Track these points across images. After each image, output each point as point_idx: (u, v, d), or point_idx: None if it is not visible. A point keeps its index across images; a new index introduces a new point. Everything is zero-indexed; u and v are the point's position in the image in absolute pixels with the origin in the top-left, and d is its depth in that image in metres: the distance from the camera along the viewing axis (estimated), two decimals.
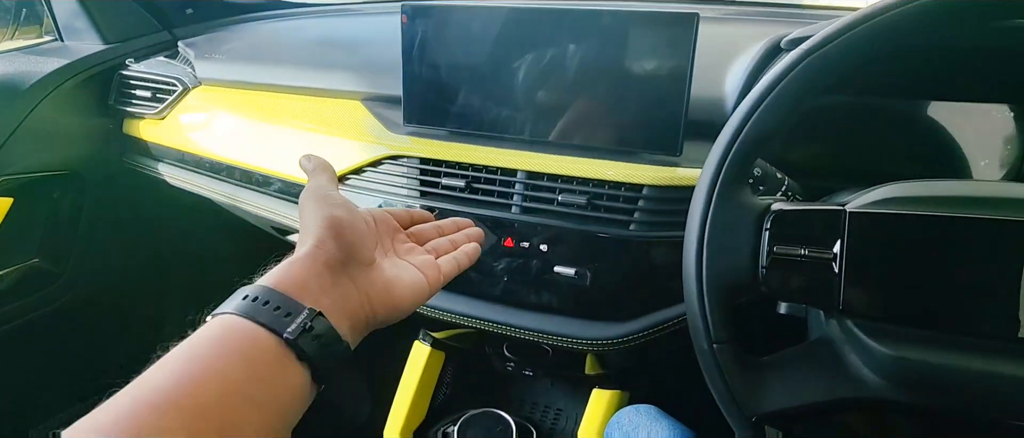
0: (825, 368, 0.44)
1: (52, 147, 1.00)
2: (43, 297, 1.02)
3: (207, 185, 0.97)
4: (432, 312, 0.77)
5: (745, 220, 0.45)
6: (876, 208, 0.42)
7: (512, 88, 0.72)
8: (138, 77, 1.02)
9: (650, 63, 0.66)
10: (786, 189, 0.59)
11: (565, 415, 0.89)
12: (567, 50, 0.69)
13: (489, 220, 0.72)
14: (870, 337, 0.42)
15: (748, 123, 0.44)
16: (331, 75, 0.90)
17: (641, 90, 0.67)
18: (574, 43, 0.68)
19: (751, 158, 0.46)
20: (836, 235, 0.43)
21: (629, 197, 0.68)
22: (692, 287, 0.46)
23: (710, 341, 0.45)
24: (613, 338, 0.71)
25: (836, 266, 0.43)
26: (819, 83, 0.43)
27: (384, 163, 0.78)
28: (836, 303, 0.43)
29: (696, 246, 0.46)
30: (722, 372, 0.44)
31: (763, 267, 0.44)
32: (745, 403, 0.44)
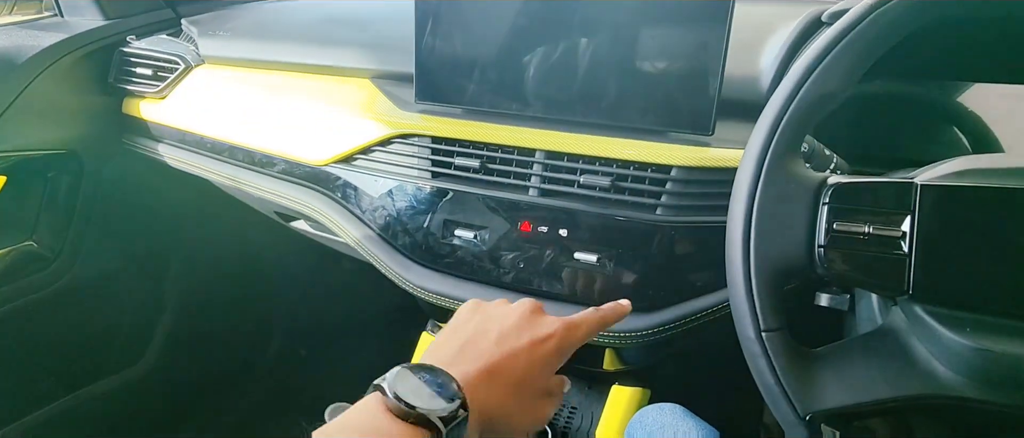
0: (889, 361, 0.39)
1: (49, 125, 0.96)
2: (37, 280, 0.98)
3: (208, 166, 0.93)
4: (441, 301, 0.72)
5: (800, 194, 0.40)
6: (951, 181, 0.38)
7: (532, 63, 0.67)
8: (139, 54, 0.98)
9: (682, 36, 0.62)
10: (835, 167, 0.54)
11: (580, 413, 0.84)
12: (591, 23, 0.64)
13: (505, 203, 0.68)
14: (944, 326, 0.37)
15: (807, 83, 0.39)
16: (339, 52, 0.86)
17: (671, 65, 0.62)
18: (599, 16, 0.64)
19: (807, 125, 0.41)
20: (905, 211, 0.38)
21: (656, 179, 0.63)
22: (738, 268, 0.41)
23: (759, 329, 0.40)
24: (636, 331, 0.67)
25: (905, 245, 0.38)
26: (886, 41, 0.39)
27: (394, 142, 0.74)
28: (904, 287, 0.38)
29: (743, 222, 0.41)
30: (772, 364, 0.39)
31: (820, 246, 0.39)
32: (799, 399, 0.39)
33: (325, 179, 0.81)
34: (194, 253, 1.19)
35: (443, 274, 0.73)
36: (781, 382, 0.39)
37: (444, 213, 0.71)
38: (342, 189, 0.79)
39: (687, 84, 0.62)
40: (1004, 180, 0.37)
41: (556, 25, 0.65)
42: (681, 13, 0.61)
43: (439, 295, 0.72)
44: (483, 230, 0.69)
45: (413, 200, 0.73)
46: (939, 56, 0.61)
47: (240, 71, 0.93)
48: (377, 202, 0.75)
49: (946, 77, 0.70)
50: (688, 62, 0.61)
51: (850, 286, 0.45)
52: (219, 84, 0.93)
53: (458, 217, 0.70)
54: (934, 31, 0.41)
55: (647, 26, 0.63)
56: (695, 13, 0.60)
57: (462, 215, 0.70)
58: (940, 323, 0.37)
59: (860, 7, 0.41)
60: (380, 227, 0.76)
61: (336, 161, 0.78)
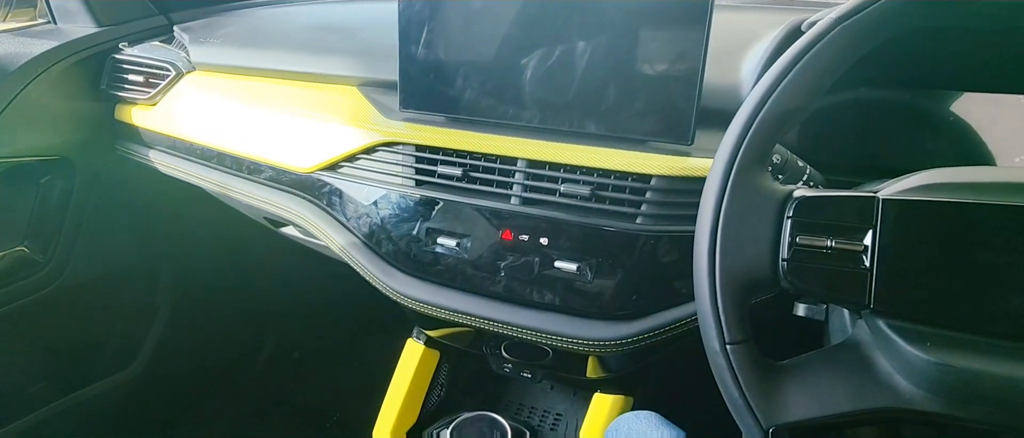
0: (852, 374, 0.39)
1: (41, 131, 0.97)
2: (29, 285, 0.99)
3: (198, 173, 0.94)
4: (426, 308, 0.73)
5: (764, 207, 0.40)
6: (913, 195, 0.38)
7: (514, 72, 0.67)
8: (131, 61, 0.99)
9: (661, 45, 0.62)
10: (808, 179, 0.55)
11: (564, 420, 0.84)
12: (573, 31, 0.64)
13: (487, 211, 0.68)
14: (905, 340, 0.37)
15: (771, 97, 0.39)
16: (326, 60, 0.87)
17: (651, 74, 0.63)
18: (581, 24, 0.64)
19: (773, 138, 0.41)
20: (867, 225, 0.38)
21: (636, 188, 0.63)
22: (703, 281, 0.41)
23: (723, 342, 0.40)
24: (617, 339, 0.67)
25: (866, 259, 0.38)
26: (851, 55, 0.39)
27: (378, 150, 0.74)
28: (866, 301, 0.38)
29: (709, 235, 0.41)
30: (736, 377, 0.40)
31: (784, 260, 0.40)
32: (762, 412, 0.39)
33: (311, 186, 0.81)
34: (186, 258, 1.20)
35: (427, 282, 0.74)
36: (745, 395, 0.40)
37: (427, 221, 0.71)
38: (328, 196, 0.79)
39: (667, 93, 0.62)
40: (965, 195, 0.37)
41: (538, 36, 0.66)
42: (660, 22, 0.61)
43: (422, 303, 0.73)
44: (465, 238, 0.70)
45: (397, 208, 0.73)
46: (916, 64, 0.61)
47: (230, 78, 0.93)
48: (362, 209, 0.76)
49: (924, 85, 0.70)
50: (668, 72, 0.61)
51: (814, 299, 0.45)
52: (209, 91, 0.93)
53: (441, 225, 0.71)
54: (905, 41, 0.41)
55: (628, 36, 0.63)
56: (674, 22, 0.61)
57: (445, 223, 0.71)
58: (901, 337, 0.37)
59: (826, 20, 0.41)
60: (365, 234, 0.76)
61: (322, 168, 0.79)
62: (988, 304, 0.36)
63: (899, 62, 0.62)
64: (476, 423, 0.77)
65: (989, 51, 0.53)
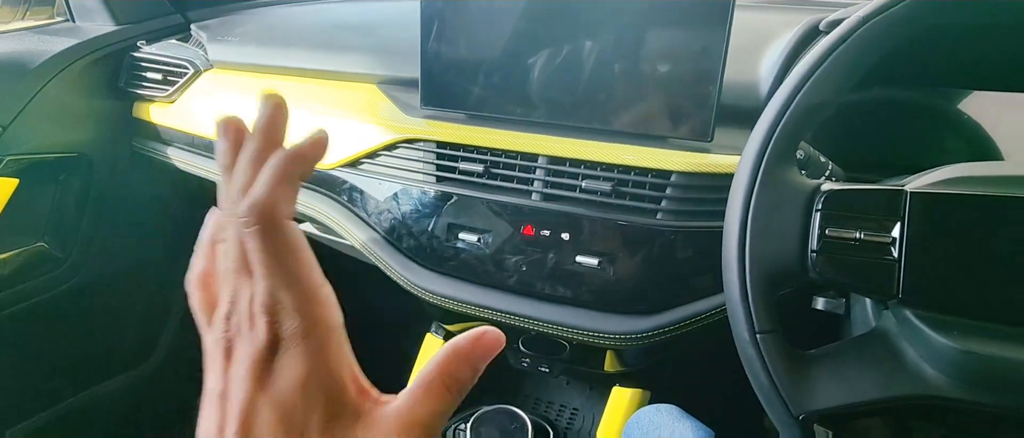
0: (880, 363, 0.40)
1: (60, 128, 0.98)
2: (48, 281, 1.00)
3: (216, 170, 0.95)
4: (445, 303, 0.74)
5: (793, 200, 0.41)
6: (941, 188, 0.39)
7: (535, 69, 0.68)
8: (149, 59, 1.00)
9: (682, 43, 0.63)
10: (829, 174, 0.56)
11: (582, 414, 0.85)
12: (594, 29, 0.65)
13: (508, 207, 0.69)
14: (932, 329, 0.38)
15: (800, 93, 0.40)
16: (345, 57, 0.88)
17: (671, 72, 0.64)
18: (601, 22, 0.65)
19: (801, 132, 0.42)
20: (895, 218, 0.39)
21: (656, 184, 0.64)
22: (734, 272, 0.42)
23: (753, 331, 0.41)
24: (636, 333, 0.68)
25: (895, 251, 0.39)
26: (877, 51, 0.40)
27: (399, 147, 0.75)
28: (894, 291, 0.39)
29: (739, 227, 0.42)
30: (767, 366, 0.41)
31: (813, 251, 0.41)
32: (793, 400, 0.40)
33: (331, 183, 0.82)
34: None
35: (447, 277, 0.75)
36: (775, 383, 0.41)
37: (448, 217, 0.72)
38: (348, 193, 0.80)
39: (687, 91, 0.63)
40: (992, 188, 0.38)
41: (558, 33, 0.67)
42: (681, 20, 0.62)
43: (444, 298, 0.74)
44: (486, 234, 0.71)
45: (418, 204, 0.74)
46: (935, 63, 0.62)
47: (248, 76, 0.94)
48: (382, 205, 0.77)
49: (943, 84, 0.71)
50: (688, 69, 0.62)
51: (842, 290, 0.46)
52: (227, 89, 0.94)
53: (462, 221, 0.72)
54: (927, 38, 0.42)
55: (648, 33, 0.64)
56: (695, 20, 0.62)
57: (466, 219, 0.72)
58: (928, 326, 0.38)
59: (853, 19, 0.42)
60: (385, 230, 0.77)
61: (342, 165, 0.80)
62: (1014, 293, 0.37)
63: (915, 60, 0.63)
64: (495, 417, 0.78)
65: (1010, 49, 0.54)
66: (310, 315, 0.23)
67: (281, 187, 0.24)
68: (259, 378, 0.23)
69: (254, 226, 0.23)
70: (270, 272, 0.23)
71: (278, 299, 0.23)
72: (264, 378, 0.23)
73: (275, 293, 0.23)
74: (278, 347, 0.23)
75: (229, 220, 0.25)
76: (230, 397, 0.23)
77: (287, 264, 0.23)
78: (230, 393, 0.23)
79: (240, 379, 0.23)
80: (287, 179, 0.24)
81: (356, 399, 0.24)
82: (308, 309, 0.23)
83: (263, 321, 0.23)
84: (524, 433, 0.76)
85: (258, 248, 0.23)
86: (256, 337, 0.23)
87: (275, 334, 0.23)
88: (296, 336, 0.23)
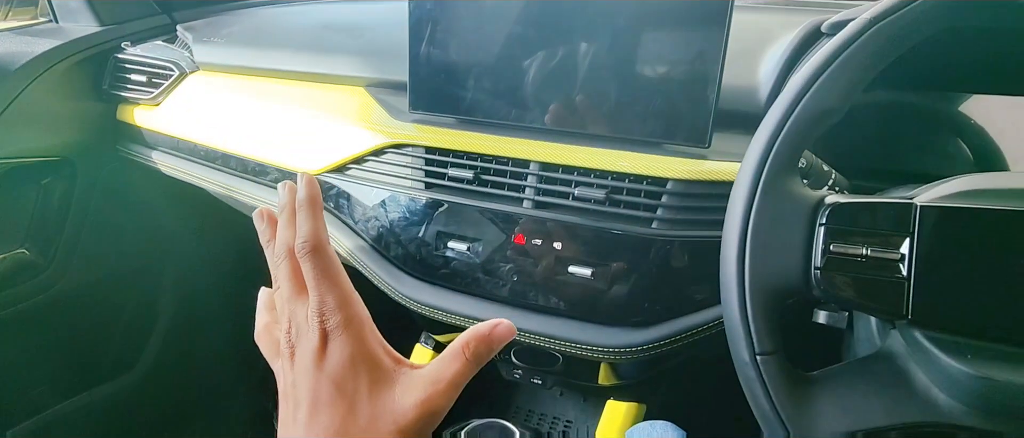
0: (887, 387, 0.38)
1: (42, 132, 0.96)
2: (29, 288, 0.98)
3: (202, 174, 0.93)
4: (435, 313, 0.71)
5: (796, 213, 0.39)
6: (952, 202, 0.36)
7: (527, 73, 0.66)
8: (134, 61, 0.98)
9: (678, 45, 0.60)
10: (833, 184, 0.53)
11: (575, 427, 0.83)
12: (587, 32, 0.63)
13: (499, 215, 0.67)
14: (944, 352, 0.36)
15: (803, 99, 0.38)
16: (333, 60, 0.85)
17: (667, 75, 0.61)
18: (595, 24, 0.62)
19: (804, 142, 0.40)
20: (904, 233, 0.37)
21: (652, 192, 0.62)
22: (732, 290, 0.40)
23: (753, 353, 0.39)
24: (631, 346, 0.65)
25: (903, 268, 0.36)
26: (887, 55, 0.37)
27: (387, 152, 0.73)
28: (903, 311, 0.36)
29: (738, 242, 0.40)
30: (767, 388, 0.38)
31: (817, 268, 0.38)
32: (793, 425, 0.38)
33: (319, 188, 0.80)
34: (188, 260, 1.19)
35: (436, 286, 0.72)
36: (776, 407, 0.38)
37: (437, 224, 0.70)
38: (335, 199, 0.78)
39: (684, 95, 0.61)
40: (1007, 202, 0.36)
41: (551, 36, 0.64)
42: (678, 23, 0.60)
43: (432, 308, 0.71)
44: (476, 242, 0.68)
45: (406, 211, 0.72)
46: (941, 67, 0.60)
47: (234, 78, 0.92)
48: (370, 212, 0.74)
49: (948, 88, 0.69)
50: (685, 73, 0.60)
51: (847, 309, 0.44)
52: (213, 91, 0.92)
53: (451, 229, 0.69)
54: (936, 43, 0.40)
55: (643, 36, 0.61)
56: (692, 23, 0.59)
57: (455, 227, 0.69)
58: (940, 349, 0.36)
59: (861, 20, 0.40)
60: (373, 238, 0.75)
61: (329, 171, 0.77)
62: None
63: (924, 64, 0.61)
64: (487, 430, 0.76)
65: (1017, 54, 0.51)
66: (348, 312, 0.32)
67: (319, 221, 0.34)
68: (317, 364, 0.31)
69: (309, 252, 0.33)
70: (319, 284, 0.32)
71: (325, 303, 0.32)
72: (321, 363, 0.31)
73: (324, 299, 0.32)
74: (328, 339, 0.32)
75: (281, 263, 0.35)
76: (298, 384, 0.32)
77: (331, 276, 0.33)
78: (298, 382, 0.32)
79: (304, 369, 0.31)
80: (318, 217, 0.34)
81: (392, 367, 0.33)
82: (346, 308, 0.32)
83: (316, 322, 0.32)
84: None
85: (311, 267, 0.33)
86: (311, 335, 0.32)
87: (324, 330, 0.32)
88: (339, 327, 0.32)
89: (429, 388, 0.31)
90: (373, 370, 0.32)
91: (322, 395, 0.31)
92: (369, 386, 0.31)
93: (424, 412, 0.31)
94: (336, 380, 0.31)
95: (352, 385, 0.31)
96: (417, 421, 0.31)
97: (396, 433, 0.30)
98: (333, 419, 0.30)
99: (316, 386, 0.31)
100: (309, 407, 0.31)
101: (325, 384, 0.31)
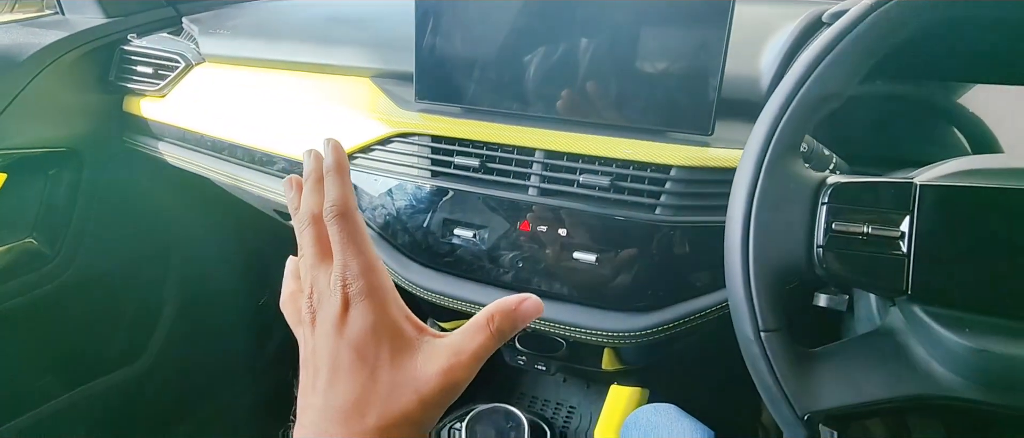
0: (887, 362, 0.39)
1: (49, 123, 0.96)
2: (37, 277, 0.98)
3: (208, 165, 0.93)
4: (441, 299, 0.72)
5: (798, 194, 0.40)
6: (951, 181, 0.37)
7: (531, 62, 0.67)
8: (140, 52, 0.98)
9: (682, 36, 0.61)
10: (834, 167, 0.54)
11: (578, 413, 0.84)
12: (593, 21, 0.64)
13: (505, 202, 0.68)
14: (942, 326, 0.37)
15: (806, 83, 0.39)
16: (339, 51, 0.86)
17: (671, 65, 0.62)
18: (601, 13, 0.63)
19: (807, 125, 0.41)
20: (904, 211, 0.38)
21: (655, 179, 0.63)
22: (736, 268, 0.41)
23: (757, 330, 0.40)
24: (634, 331, 0.66)
25: (904, 245, 0.38)
26: (888, 41, 0.38)
27: (394, 141, 0.74)
28: (903, 287, 0.37)
29: (742, 222, 0.41)
30: (771, 364, 0.39)
31: (819, 246, 0.39)
32: (797, 399, 0.39)
33: None
34: (194, 250, 1.19)
35: (442, 273, 0.73)
36: (780, 382, 0.39)
37: (444, 212, 0.71)
38: None
39: (687, 84, 0.62)
40: (1004, 180, 0.37)
41: (556, 25, 0.65)
42: (681, 13, 0.61)
43: (438, 294, 0.72)
44: (482, 229, 0.69)
45: (413, 199, 0.73)
46: (940, 57, 0.61)
47: (241, 70, 0.93)
48: (377, 201, 0.75)
49: (947, 78, 0.70)
50: (688, 62, 0.61)
51: (849, 286, 0.45)
52: (220, 83, 0.93)
53: (458, 216, 0.70)
54: (935, 31, 0.41)
55: (647, 26, 0.62)
56: (695, 13, 0.60)
57: (461, 214, 0.70)
58: (939, 324, 0.37)
59: (861, 6, 0.41)
60: (379, 226, 0.76)
61: None
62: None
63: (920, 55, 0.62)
64: (491, 416, 0.77)
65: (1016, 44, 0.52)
66: (371, 279, 0.32)
67: (347, 187, 0.34)
68: (338, 330, 0.31)
69: (335, 216, 0.32)
70: (345, 249, 0.32)
71: (349, 268, 0.32)
72: (342, 329, 0.31)
73: (348, 264, 0.32)
74: (350, 305, 0.31)
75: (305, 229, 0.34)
76: (319, 351, 0.31)
77: (357, 242, 0.32)
78: (319, 348, 0.31)
79: (325, 334, 0.31)
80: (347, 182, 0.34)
81: (414, 335, 0.32)
82: (370, 275, 0.32)
83: (339, 287, 0.31)
84: (520, 432, 0.75)
85: (338, 231, 0.32)
86: (334, 300, 0.31)
87: (346, 295, 0.31)
88: (362, 293, 0.31)
89: (452, 358, 0.31)
90: (395, 338, 0.31)
91: (343, 362, 0.30)
92: (391, 354, 0.31)
93: (446, 382, 0.30)
94: (357, 347, 0.30)
95: (373, 352, 0.30)
96: (438, 391, 0.30)
97: (417, 402, 0.30)
98: (353, 386, 0.30)
99: (336, 352, 0.30)
100: (329, 374, 0.30)
101: (346, 351, 0.30)
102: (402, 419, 0.30)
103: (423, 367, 0.31)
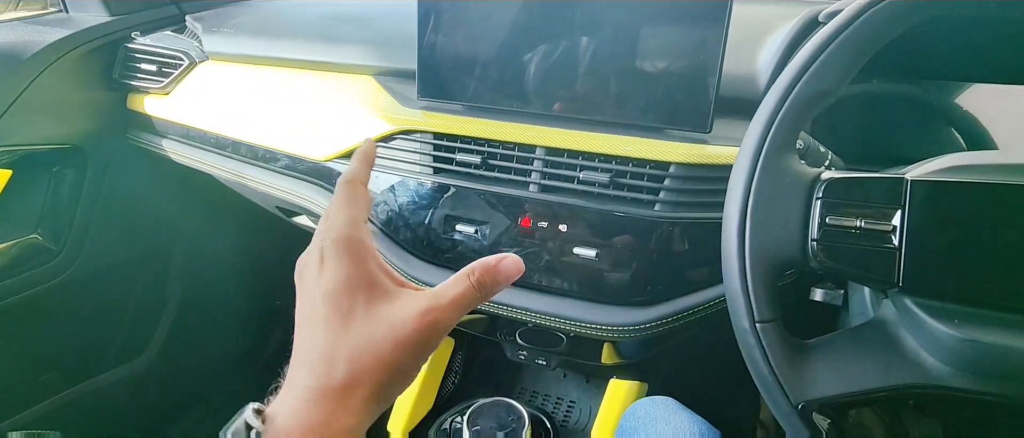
0: (879, 352, 0.40)
1: (53, 120, 0.97)
2: (41, 273, 0.99)
3: (212, 162, 0.94)
4: None
5: (794, 188, 0.41)
6: (941, 176, 0.39)
7: (532, 61, 0.68)
8: (143, 50, 0.99)
9: (681, 35, 0.62)
10: (829, 163, 0.55)
11: (578, 406, 0.85)
12: (593, 20, 0.65)
13: (506, 198, 0.69)
14: (933, 317, 0.38)
15: (801, 79, 0.40)
16: (342, 49, 0.87)
17: (670, 63, 0.63)
18: (601, 12, 0.64)
19: (802, 121, 0.42)
20: (896, 205, 0.39)
21: (655, 175, 0.64)
22: (733, 260, 0.42)
23: (753, 320, 0.41)
24: (633, 325, 0.68)
25: (895, 239, 0.39)
26: (881, 38, 0.40)
27: (396, 138, 0.75)
28: (894, 279, 0.39)
29: (739, 216, 0.42)
30: (766, 355, 0.40)
31: (814, 239, 0.40)
32: (792, 388, 0.40)
33: (328, 174, 0.81)
34: (197, 247, 1.20)
35: (444, 269, 0.74)
36: (775, 372, 0.40)
37: (445, 208, 0.72)
38: None
39: (686, 82, 0.63)
40: (993, 176, 0.38)
41: (557, 23, 0.66)
42: (680, 12, 0.62)
43: None
44: (484, 225, 0.70)
45: (415, 195, 0.74)
46: (932, 55, 0.62)
47: (244, 67, 0.94)
48: (379, 197, 0.76)
49: (941, 77, 0.71)
50: (687, 61, 0.62)
51: (842, 279, 0.46)
52: (223, 80, 0.94)
53: (459, 212, 0.71)
54: (928, 30, 0.42)
55: (647, 25, 0.63)
56: (694, 12, 0.61)
57: (463, 210, 0.71)
58: (929, 315, 0.38)
59: (854, 6, 0.42)
60: (382, 222, 0.77)
61: (339, 157, 0.79)
62: (1015, 281, 0.37)
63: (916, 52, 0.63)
64: (492, 409, 0.78)
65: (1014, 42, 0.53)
66: (351, 233, 0.32)
67: (360, 165, 0.37)
68: (316, 281, 0.31)
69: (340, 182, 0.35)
70: (337, 207, 0.33)
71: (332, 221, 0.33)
72: (318, 280, 0.31)
73: (333, 218, 0.33)
74: (325, 257, 0.31)
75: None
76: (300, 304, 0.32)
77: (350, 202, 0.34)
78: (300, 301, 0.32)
79: (305, 287, 0.32)
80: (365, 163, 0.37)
81: (392, 287, 0.32)
82: (351, 228, 0.32)
83: (318, 240, 0.32)
84: (521, 425, 0.76)
85: (337, 193, 0.34)
86: (314, 252, 0.32)
87: (322, 248, 0.32)
88: (339, 244, 0.31)
89: (431, 301, 0.31)
90: (371, 289, 0.31)
91: (317, 313, 0.30)
92: (366, 304, 0.30)
93: (424, 324, 0.30)
94: (330, 297, 0.30)
95: (347, 302, 0.30)
96: (417, 333, 0.30)
97: (395, 347, 0.29)
98: (326, 336, 0.30)
99: (311, 304, 0.31)
100: (304, 325, 0.31)
101: (319, 301, 0.30)
102: (375, 364, 0.29)
103: (400, 311, 0.30)
